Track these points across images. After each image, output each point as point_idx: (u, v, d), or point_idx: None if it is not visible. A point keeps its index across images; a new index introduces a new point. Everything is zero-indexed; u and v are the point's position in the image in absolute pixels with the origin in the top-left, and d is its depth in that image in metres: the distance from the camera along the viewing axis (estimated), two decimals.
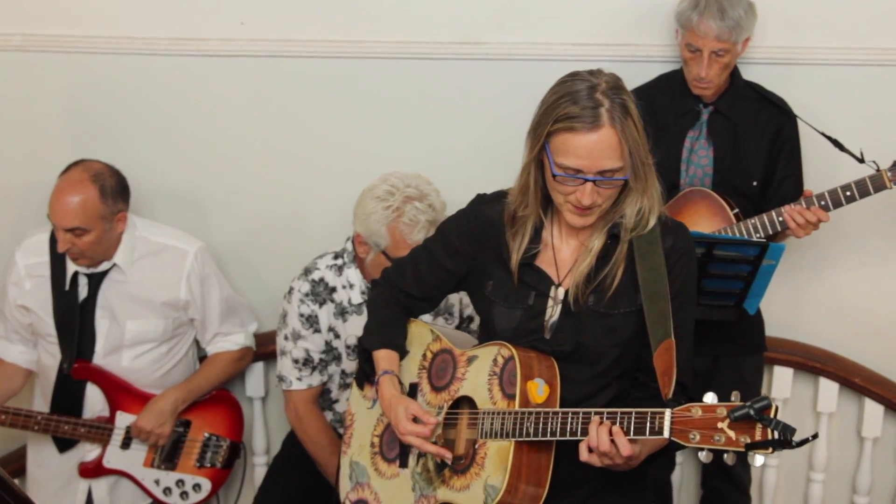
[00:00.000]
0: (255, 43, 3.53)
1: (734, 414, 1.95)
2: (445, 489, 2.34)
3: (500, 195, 2.38)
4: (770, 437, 1.93)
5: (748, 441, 1.95)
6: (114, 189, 3.18)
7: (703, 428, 1.99)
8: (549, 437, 2.19)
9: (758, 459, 1.95)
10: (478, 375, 2.34)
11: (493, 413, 2.26)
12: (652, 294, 2.23)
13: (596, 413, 2.14)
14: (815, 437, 2.03)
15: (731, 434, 1.96)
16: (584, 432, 2.14)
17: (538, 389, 2.24)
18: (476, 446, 2.30)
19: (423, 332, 2.53)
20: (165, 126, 3.61)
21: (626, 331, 2.29)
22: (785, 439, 1.91)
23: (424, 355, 2.50)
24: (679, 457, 3.66)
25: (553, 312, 2.31)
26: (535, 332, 2.31)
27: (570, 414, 2.16)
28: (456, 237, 2.40)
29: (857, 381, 3.54)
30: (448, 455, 2.33)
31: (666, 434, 2.03)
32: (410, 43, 3.49)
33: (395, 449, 2.49)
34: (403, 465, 2.46)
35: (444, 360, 2.45)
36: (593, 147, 2.13)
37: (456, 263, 2.42)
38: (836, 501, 3.75)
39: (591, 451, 2.14)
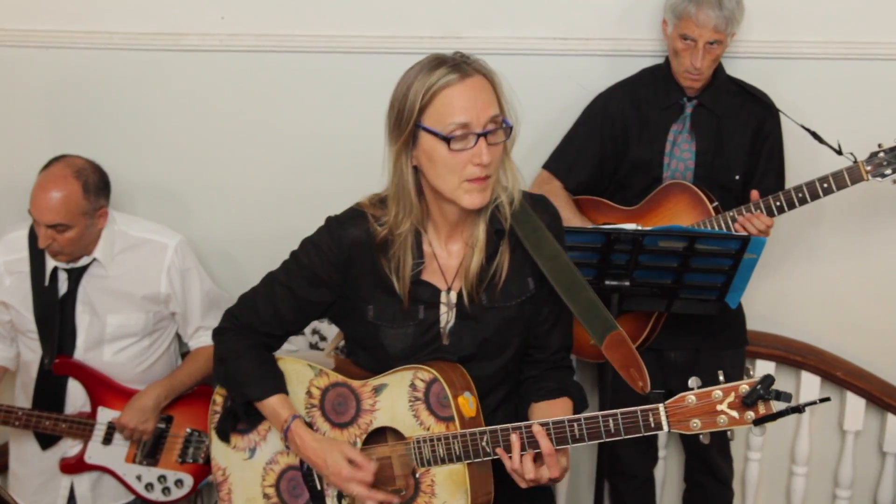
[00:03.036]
0: (235, 38, 3.52)
1: (748, 399, 1.98)
2: None
3: (356, 214, 2.26)
4: (773, 409, 1.99)
5: (754, 417, 1.99)
6: (96, 185, 3.16)
7: (703, 414, 2.02)
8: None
9: (758, 429, 2.04)
10: (394, 404, 2.25)
11: (434, 439, 2.20)
12: (569, 286, 2.21)
13: (571, 420, 2.11)
14: (823, 400, 2.09)
15: (734, 414, 2.00)
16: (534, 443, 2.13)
17: (469, 404, 2.20)
18: (417, 475, 2.24)
19: (299, 369, 2.38)
20: (145, 121, 3.60)
21: (524, 318, 2.28)
22: (796, 407, 1.98)
23: (310, 392, 2.35)
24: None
25: (449, 318, 2.26)
26: (433, 343, 2.25)
27: (522, 428, 2.14)
28: (320, 268, 2.25)
29: (838, 375, 3.55)
30: (396, 500, 2.25)
31: (665, 428, 2.04)
32: (390, 38, 3.48)
33: (301, 495, 2.38)
34: None
35: (339, 394, 2.31)
36: (472, 93, 2.07)
37: (322, 294, 2.28)
38: (819, 494, 3.76)
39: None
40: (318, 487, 2.35)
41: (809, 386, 3.59)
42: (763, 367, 3.58)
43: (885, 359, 3.60)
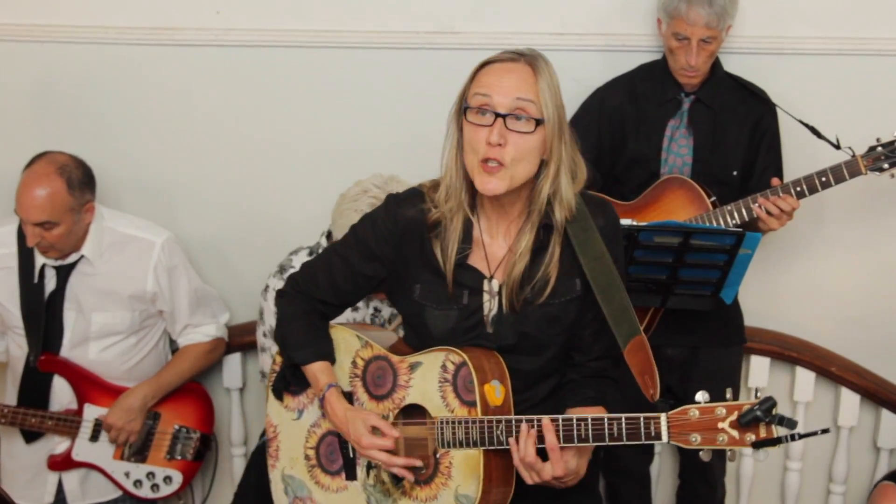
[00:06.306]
0: (231, 32, 3.49)
1: (743, 419, 1.96)
2: (407, 500, 2.30)
3: (414, 194, 2.31)
4: (775, 434, 1.95)
5: (754, 439, 1.97)
6: (80, 180, 3.14)
7: (703, 430, 2.00)
8: None
9: (761, 454, 1.98)
10: (425, 383, 2.28)
11: (455, 422, 2.22)
12: (605, 287, 2.21)
13: (579, 420, 2.10)
14: (824, 431, 2.01)
15: (735, 434, 1.98)
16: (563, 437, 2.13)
17: (496, 392, 2.22)
18: (438, 455, 2.26)
19: (348, 339, 2.44)
20: (138, 116, 3.58)
21: (568, 318, 2.28)
22: (793, 436, 1.94)
23: (355, 363, 2.41)
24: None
25: (492, 306, 2.28)
26: (475, 329, 2.28)
27: (534, 420, 2.14)
28: (374, 242, 2.32)
29: (833, 370, 3.55)
30: (419, 463, 2.28)
31: (664, 439, 2.02)
32: (386, 32, 3.47)
33: (337, 461, 2.43)
34: (351, 477, 2.40)
35: (380, 367, 2.36)
36: (505, 73, 2.12)
37: (375, 268, 2.34)
38: (813, 490, 3.75)
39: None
40: (351, 455, 2.39)
41: (804, 381, 3.59)
42: (758, 363, 3.58)
43: (880, 354, 3.59)
